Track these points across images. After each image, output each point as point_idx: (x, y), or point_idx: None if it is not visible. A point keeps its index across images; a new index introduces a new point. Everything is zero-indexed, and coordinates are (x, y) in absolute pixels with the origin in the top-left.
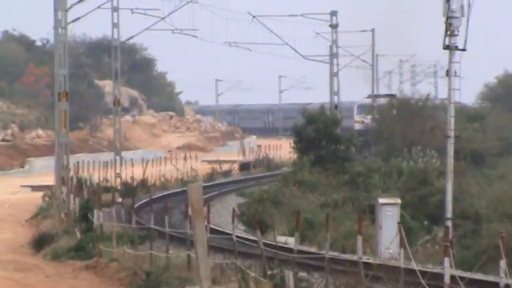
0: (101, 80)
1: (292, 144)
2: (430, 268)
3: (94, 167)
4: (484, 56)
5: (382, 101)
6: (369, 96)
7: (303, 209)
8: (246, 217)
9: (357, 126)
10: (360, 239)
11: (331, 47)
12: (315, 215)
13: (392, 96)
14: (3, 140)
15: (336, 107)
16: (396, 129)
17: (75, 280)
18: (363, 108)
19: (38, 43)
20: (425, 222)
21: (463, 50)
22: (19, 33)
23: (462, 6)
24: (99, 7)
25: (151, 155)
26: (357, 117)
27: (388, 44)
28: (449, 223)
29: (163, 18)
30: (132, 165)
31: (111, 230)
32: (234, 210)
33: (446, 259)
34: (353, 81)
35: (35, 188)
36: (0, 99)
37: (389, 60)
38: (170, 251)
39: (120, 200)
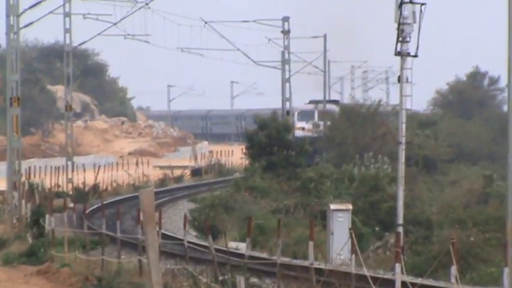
0: (53, 85)
1: (244, 150)
2: (381, 274)
3: (46, 172)
4: (435, 62)
5: (324, 107)
6: (310, 102)
7: (255, 214)
8: (198, 223)
9: (298, 133)
10: (311, 244)
11: (283, 52)
12: (267, 220)
13: (335, 102)
14: None
15: (287, 113)
16: (348, 135)
17: (27, 285)
18: (304, 115)
19: None
20: (377, 228)
21: (415, 56)
22: None
23: (414, 13)
24: (51, 12)
25: (103, 160)
26: (297, 124)
27: (340, 50)
28: (400, 229)
29: (115, 24)
30: (84, 170)
31: (62, 235)
32: (185, 216)
33: (397, 265)
34: (305, 87)
35: None
36: None
37: (342, 66)
38: (122, 257)
39: (71, 205)
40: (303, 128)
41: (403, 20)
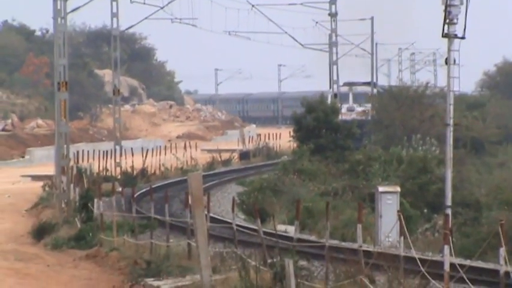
0: (100, 69)
1: (292, 133)
2: (429, 256)
3: (94, 157)
4: (483, 44)
5: (359, 89)
6: (344, 85)
7: (303, 197)
8: (246, 206)
9: None
10: (359, 227)
11: (330, 35)
12: (315, 203)
13: (368, 84)
14: (4, 130)
15: (335, 95)
16: (395, 117)
17: (76, 269)
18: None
19: (38, 33)
20: (425, 211)
21: (462, 38)
22: (18, 23)
23: None
24: None
25: (151, 144)
26: None
27: (387, 32)
28: (449, 211)
29: (162, 8)
30: (132, 154)
31: (111, 220)
32: (234, 199)
33: (446, 247)
34: (353, 69)
35: (35, 178)
36: (0, 89)
37: (389, 49)
38: (170, 240)
39: (120, 189)
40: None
41: (450, 2)
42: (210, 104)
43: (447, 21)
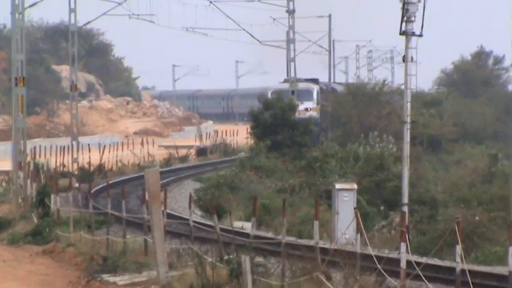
0: (58, 65)
1: (249, 130)
2: (386, 253)
3: (51, 152)
4: (440, 41)
5: (301, 86)
6: (284, 81)
7: (260, 194)
8: (203, 202)
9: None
10: (316, 224)
11: (288, 32)
12: (272, 200)
13: (314, 80)
14: None
15: (292, 92)
16: (353, 114)
17: (33, 265)
18: (279, 95)
19: None
20: (382, 208)
21: (420, 35)
22: None
23: None
24: None
25: (108, 140)
26: None
27: (345, 29)
28: (405, 208)
29: (120, 4)
30: (89, 150)
31: (68, 215)
32: (190, 196)
33: (402, 244)
34: (310, 66)
35: None
36: None
37: (346, 46)
38: (127, 236)
39: (77, 185)
40: None
41: (408, 0)
42: (167, 100)
43: (405, 19)
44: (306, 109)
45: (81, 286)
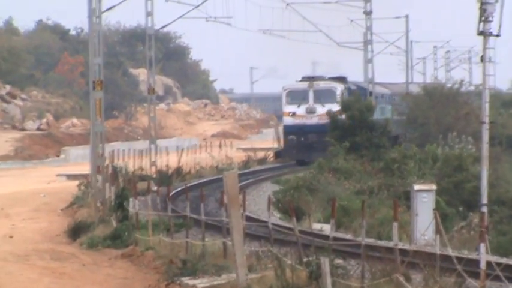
0: (135, 68)
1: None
2: (465, 254)
3: (129, 156)
4: None
5: (322, 85)
6: (302, 80)
7: (339, 196)
8: (282, 204)
9: (286, 121)
10: (395, 225)
11: (365, 33)
12: (351, 202)
13: (340, 79)
14: (39, 129)
15: (370, 93)
16: (431, 115)
17: (111, 269)
18: (294, 96)
19: (72, 32)
20: (461, 209)
21: (497, 35)
22: (53, 23)
23: None
24: None
25: (186, 143)
26: (285, 109)
27: (422, 30)
28: (484, 209)
29: (197, 7)
30: (167, 153)
31: (146, 219)
32: (269, 198)
33: (482, 245)
34: (388, 67)
35: (70, 177)
36: (35, 89)
37: (424, 47)
38: (206, 239)
39: (155, 188)
40: (293, 114)
41: (485, 0)
42: (245, 103)
43: (482, 18)
44: (329, 113)
45: None
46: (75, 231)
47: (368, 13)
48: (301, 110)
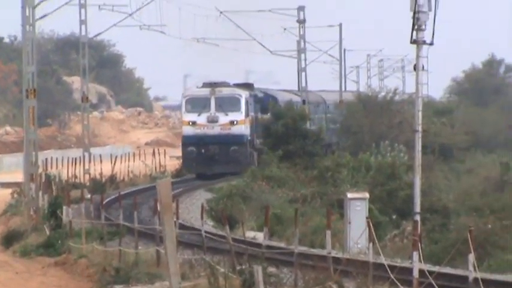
0: (69, 76)
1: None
2: (399, 262)
3: (63, 164)
4: (451, 50)
5: (225, 92)
6: (203, 86)
7: (272, 204)
8: (215, 212)
9: (186, 131)
10: (328, 233)
11: (298, 42)
12: (284, 210)
13: (246, 85)
14: None
15: (303, 101)
16: (364, 123)
17: (45, 277)
18: (195, 104)
19: (6, 40)
20: (394, 217)
21: (431, 44)
22: None
23: (429, 1)
24: (66, 4)
25: (120, 151)
26: (185, 117)
27: (355, 39)
28: (417, 217)
29: (130, 15)
30: (101, 161)
31: (80, 227)
32: (202, 206)
33: (415, 253)
34: (321, 76)
35: (3, 185)
36: None
37: (357, 55)
38: (139, 247)
39: (89, 196)
40: (194, 123)
41: (419, 8)
42: (179, 111)
43: (415, 27)
44: (232, 122)
45: None
46: (8, 239)
47: (301, 22)
48: (202, 118)
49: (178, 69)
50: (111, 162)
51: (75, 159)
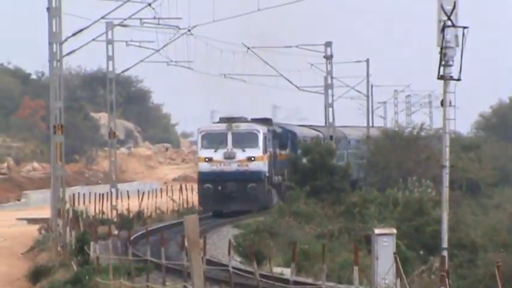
0: (96, 112)
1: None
2: None
3: (90, 199)
4: (478, 85)
5: (243, 127)
6: (220, 121)
7: (299, 240)
8: (242, 248)
9: (202, 167)
10: (356, 269)
11: (325, 77)
12: (311, 245)
13: (265, 120)
14: None
15: (331, 137)
16: (391, 159)
17: None
18: (212, 140)
19: (33, 76)
20: (421, 252)
21: (458, 79)
22: (14, 67)
23: (456, 36)
24: (94, 40)
25: (147, 186)
26: (201, 153)
27: (383, 74)
28: (445, 253)
29: (158, 51)
30: (128, 197)
31: (107, 263)
32: (230, 242)
33: None
34: (348, 112)
35: (31, 221)
36: None
37: (384, 91)
38: (167, 283)
39: (116, 232)
40: (210, 159)
41: (446, 44)
42: None
43: (443, 63)
44: (249, 158)
45: None
46: (36, 275)
47: (328, 57)
48: (218, 155)
49: (205, 104)
50: (139, 198)
51: (103, 195)
